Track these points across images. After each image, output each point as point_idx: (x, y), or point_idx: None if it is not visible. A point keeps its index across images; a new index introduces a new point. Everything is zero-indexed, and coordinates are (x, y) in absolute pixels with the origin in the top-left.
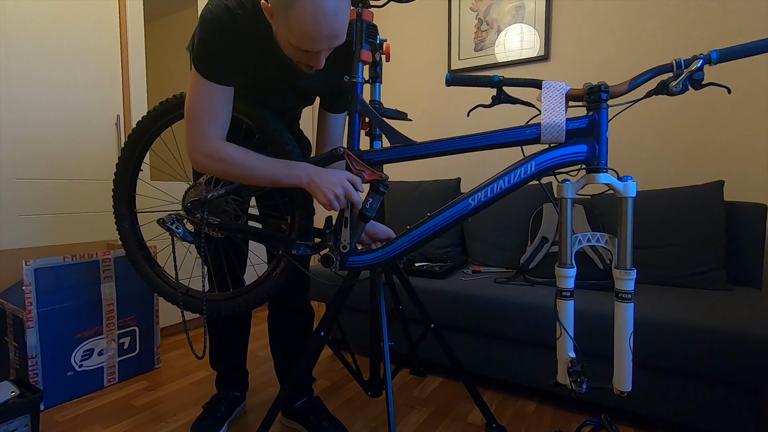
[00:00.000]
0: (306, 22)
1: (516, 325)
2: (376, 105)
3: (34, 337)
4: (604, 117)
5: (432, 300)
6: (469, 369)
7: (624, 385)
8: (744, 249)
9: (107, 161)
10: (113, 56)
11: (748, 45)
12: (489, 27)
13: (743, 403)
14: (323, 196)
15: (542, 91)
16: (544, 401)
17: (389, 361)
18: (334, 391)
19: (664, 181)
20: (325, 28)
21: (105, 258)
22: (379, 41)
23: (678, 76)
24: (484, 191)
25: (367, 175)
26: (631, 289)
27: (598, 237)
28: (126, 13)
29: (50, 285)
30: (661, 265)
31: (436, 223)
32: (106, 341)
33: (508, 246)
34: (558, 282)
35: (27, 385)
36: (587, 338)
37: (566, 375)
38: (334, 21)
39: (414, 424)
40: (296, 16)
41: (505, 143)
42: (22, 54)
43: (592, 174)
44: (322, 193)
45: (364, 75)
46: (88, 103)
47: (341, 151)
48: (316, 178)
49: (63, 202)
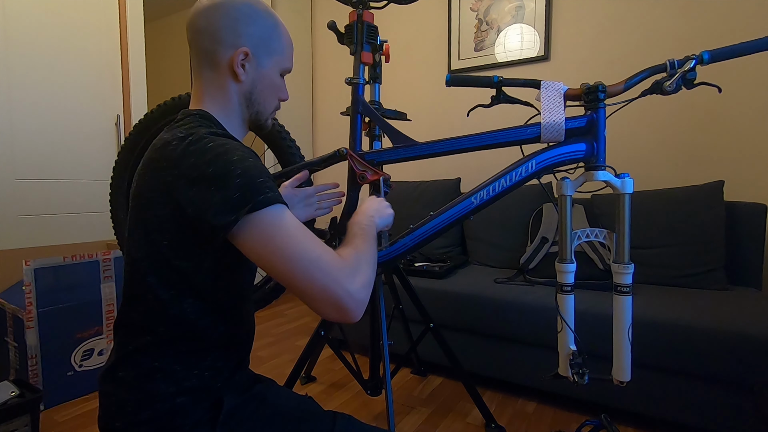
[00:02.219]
0: (288, 34)
1: (516, 325)
2: (376, 105)
3: (34, 337)
4: (602, 116)
5: (432, 300)
6: (469, 369)
7: (623, 375)
8: (744, 249)
9: (107, 161)
10: (113, 57)
11: (739, 46)
12: (489, 27)
13: (743, 403)
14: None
15: (541, 91)
16: (544, 401)
17: (389, 360)
18: (334, 390)
19: (664, 181)
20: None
21: (105, 258)
22: (379, 42)
23: (671, 76)
24: (486, 190)
25: (369, 176)
26: (629, 283)
27: (596, 233)
28: (126, 14)
29: (50, 285)
30: (661, 265)
31: (438, 222)
32: (106, 341)
33: (508, 246)
34: (558, 277)
35: (27, 385)
36: (588, 338)
37: (568, 367)
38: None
39: (414, 423)
40: (283, 32)
41: (505, 142)
42: (22, 54)
43: (591, 171)
44: (388, 219)
45: (364, 76)
46: (88, 103)
47: (344, 151)
48: (378, 219)
49: (63, 202)
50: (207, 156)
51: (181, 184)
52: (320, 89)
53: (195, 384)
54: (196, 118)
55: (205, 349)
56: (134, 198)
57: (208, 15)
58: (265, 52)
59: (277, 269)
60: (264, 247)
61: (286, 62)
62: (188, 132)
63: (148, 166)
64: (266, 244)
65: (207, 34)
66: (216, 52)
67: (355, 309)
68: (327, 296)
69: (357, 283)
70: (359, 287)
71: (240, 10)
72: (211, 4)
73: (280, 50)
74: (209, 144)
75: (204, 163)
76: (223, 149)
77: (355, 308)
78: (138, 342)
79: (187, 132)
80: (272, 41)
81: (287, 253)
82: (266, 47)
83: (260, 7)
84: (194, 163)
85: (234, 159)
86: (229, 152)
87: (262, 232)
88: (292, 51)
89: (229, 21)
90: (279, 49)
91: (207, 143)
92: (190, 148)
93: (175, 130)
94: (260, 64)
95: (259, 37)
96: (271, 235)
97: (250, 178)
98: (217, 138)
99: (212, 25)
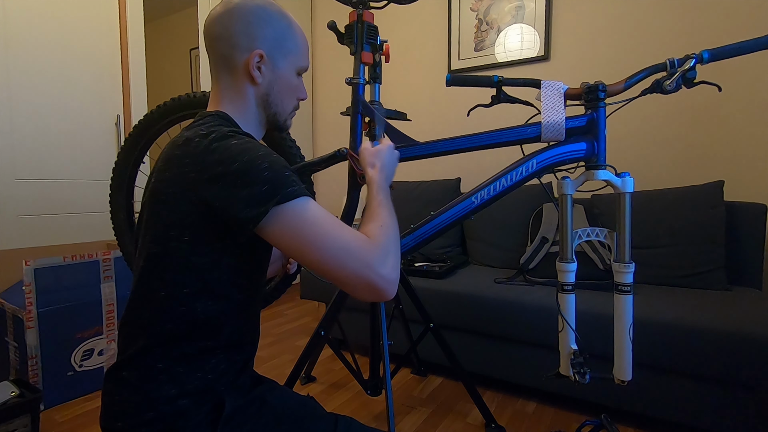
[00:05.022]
0: (302, 34)
1: (516, 325)
2: (376, 106)
3: (34, 337)
4: (602, 115)
5: (432, 300)
6: (469, 369)
7: (624, 374)
8: (744, 249)
9: (107, 161)
10: (113, 56)
11: (738, 45)
12: (489, 27)
13: (743, 403)
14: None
15: (541, 90)
16: (544, 401)
17: (389, 360)
18: (334, 390)
19: (665, 181)
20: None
21: (105, 258)
22: (379, 42)
23: (671, 75)
24: (487, 189)
25: None
26: (630, 282)
27: (597, 232)
28: (126, 14)
29: (50, 285)
30: (661, 265)
31: (439, 222)
32: (106, 341)
33: (508, 246)
34: (559, 276)
35: (27, 385)
36: (588, 338)
37: (569, 366)
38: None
39: (414, 423)
40: (297, 31)
41: (506, 142)
42: (22, 54)
43: (591, 171)
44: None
45: (365, 76)
46: (89, 103)
47: (344, 151)
48: (389, 170)
49: (63, 202)
50: (232, 151)
51: (206, 180)
52: (320, 89)
53: (198, 386)
54: (216, 118)
55: (211, 350)
56: (153, 194)
57: (223, 21)
58: (280, 53)
59: (309, 259)
60: (294, 238)
61: (301, 61)
62: (210, 130)
63: (168, 162)
64: (296, 234)
65: (222, 40)
66: (232, 56)
67: (389, 289)
68: (362, 282)
69: (389, 265)
70: (390, 269)
71: (253, 14)
72: (224, 10)
73: (295, 50)
74: (233, 141)
75: (229, 159)
76: (247, 145)
77: (388, 288)
78: (143, 341)
79: (208, 130)
80: (287, 42)
81: (318, 243)
82: (281, 48)
83: (273, 9)
84: (219, 159)
85: (260, 154)
86: (253, 148)
87: (291, 223)
88: (307, 50)
89: (242, 25)
90: (294, 49)
91: (231, 140)
92: (214, 144)
93: (197, 128)
94: (276, 66)
95: (273, 39)
96: (300, 225)
97: (276, 171)
98: (239, 135)
99: (227, 31)
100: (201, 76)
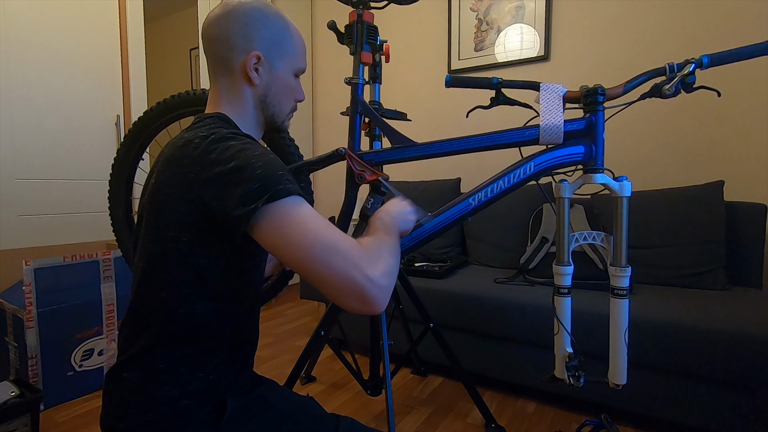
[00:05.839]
0: (299, 35)
1: (516, 325)
2: (376, 106)
3: (34, 337)
4: (601, 119)
5: (432, 300)
6: (469, 369)
7: (619, 378)
8: (744, 249)
9: (107, 161)
10: (113, 56)
11: (738, 50)
12: (489, 27)
13: (743, 403)
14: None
15: (540, 93)
16: (544, 401)
17: (389, 360)
18: (334, 390)
19: (664, 181)
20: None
21: (105, 258)
22: (379, 42)
23: (671, 80)
24: (485, 191)
25: (368, 176)
26: (626, 286)
27: (594, 235)
28: (126, 13)
29: (50, 285)
30: (661, 265)
31: (437, 223)
32: (106, 341)
33: (508, 246)
34: (555, 279)
35: (27, 385)
36: (587, 338)
37: (564, 370)
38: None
39: (414, 423)
40: (294, 33)
41: (504, 144)
42: (22, 54)
43: (589, 174)
44: (409, 224)
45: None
46: (88, 103)
47: (342, 151)
48: (401, 221)
49: (63, 202)
50: (229, 152)
51: (204, 180)
52: (320, 89)
53: (199, 387)
54: (216, 119)
55: (212, 350)
56: (152, 194)
57: (220, 23)
58: (277, 54)
59: (293, 257)
60: (281, 236)
61: (298, 63)
62: (210, 132)
63: (168, 162)
64: (283, 233)
65: (220, 42)
66: (229, 58)
67: (378, 296)
68: (347, 283)
69: (378, 269)
70: (380, 274)
71: (250, 15)
72: (222, 12)
73: (293, 51)
74: (231, 142)
75: (227, 159)
76: (245, 146)
77: (377, 295)
78: (144, 342)
79: (208, 131)
80: (284, 43)
81: (303, 241)
82: (278, 49)
83: (270, 10)
84: (217, 159)
85: (256, 154)
86: (251, 149)
87: (278, 221)
88: (304, 51)
89: (240, 27)
90: (291, 51)
91: (229, 141)
92: (212, 145)
93: (196, 130)
94: (273, 67)
95: (270, 40)
96: (288, 224)
97: (269, 170)
98: (237, 136)
99: (224, 33)
100: (201, 76)
